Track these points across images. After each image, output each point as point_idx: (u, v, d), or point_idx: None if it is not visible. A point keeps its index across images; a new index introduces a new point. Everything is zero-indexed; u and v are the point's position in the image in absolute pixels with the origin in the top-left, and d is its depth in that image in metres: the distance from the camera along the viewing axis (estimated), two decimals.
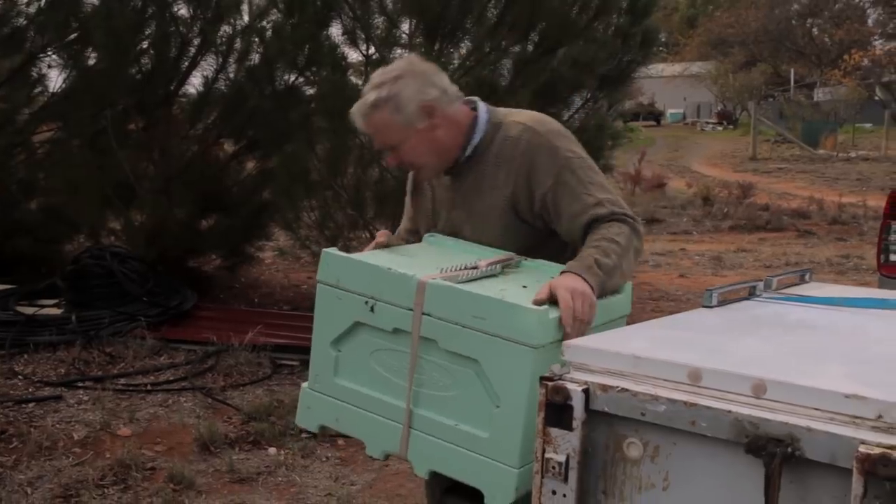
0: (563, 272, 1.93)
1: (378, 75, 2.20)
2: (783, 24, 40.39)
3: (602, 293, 1.93)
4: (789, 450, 1.26)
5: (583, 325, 1.82)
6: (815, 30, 43.16)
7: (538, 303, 1.81)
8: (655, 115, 45.17)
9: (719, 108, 45.30)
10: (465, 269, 1.95)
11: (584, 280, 1.88)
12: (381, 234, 2.28)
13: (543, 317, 1.74)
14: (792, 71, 42.15)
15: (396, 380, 1.90)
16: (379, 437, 1.94)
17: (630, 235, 2.05)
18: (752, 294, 2.08)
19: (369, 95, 2.16)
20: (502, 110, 2.26)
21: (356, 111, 2.19)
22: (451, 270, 1.93)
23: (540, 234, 2.18)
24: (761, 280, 2.14)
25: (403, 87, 2.15)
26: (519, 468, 1.74)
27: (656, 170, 18.81)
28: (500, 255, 2.10)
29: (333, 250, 2.03)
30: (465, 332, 1.78)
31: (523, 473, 1.73)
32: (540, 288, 1.86)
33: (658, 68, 40.52)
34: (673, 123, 45.93)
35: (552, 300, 1.81)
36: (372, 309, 1.91)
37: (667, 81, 43.90)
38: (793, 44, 41.19)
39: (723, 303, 1.93)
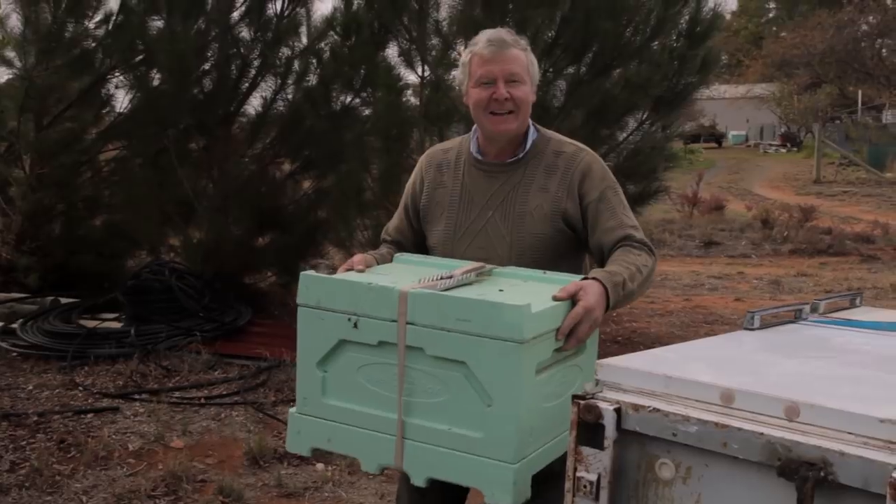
0: (592, 278, 2.01)
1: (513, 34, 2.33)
2: (851, 45, 39.44)
3: (610, 310, 2.04)
4: (822, 474, 1.24)
5: (575, 344, 1.92)
6: (884, 51, 42.08)
7: (559, 299, 1.90)
8: (717, 137, 44.50)
9: (783, 130, 44.45)
10: (441, 278, 1.99)
11: (606, 294, 1.99)
12: (360, 262, 2.21)
13: (527, 311, 1.76)
14: (860, 93, 41.15)
15: (385, 392, 1.91)
16: (373, 451, 1.94)
17: (653, 270, 2.22)
18: (798, 317, 2.05)
19: (520, 38, 2.31)
20: (547, 130, 2.42)
21: (504, 36, 2.27)
22: (428, 281, 1.97)
23: (574, 245, 2.31)
24: (807, 303, 2.10)
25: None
26: (516, 464, 1.76)
27: (715, 192, 18.55)
28: (473, 264, 2.13)
29: (311, 272, 2.05)
30: (451, 336, 1.81)
31: (521, 469, 1.77)
32: (517, 291, 1.97)
33: (720, 90, 39.95)
34: (735, 145, 45.22)
35: (572, 298, 1.92)
36: (355, 325, 1.92)
37: (729, 103, 43.23)
38: (861, 65, 40.14)
39: (765, 325, 1.91)
